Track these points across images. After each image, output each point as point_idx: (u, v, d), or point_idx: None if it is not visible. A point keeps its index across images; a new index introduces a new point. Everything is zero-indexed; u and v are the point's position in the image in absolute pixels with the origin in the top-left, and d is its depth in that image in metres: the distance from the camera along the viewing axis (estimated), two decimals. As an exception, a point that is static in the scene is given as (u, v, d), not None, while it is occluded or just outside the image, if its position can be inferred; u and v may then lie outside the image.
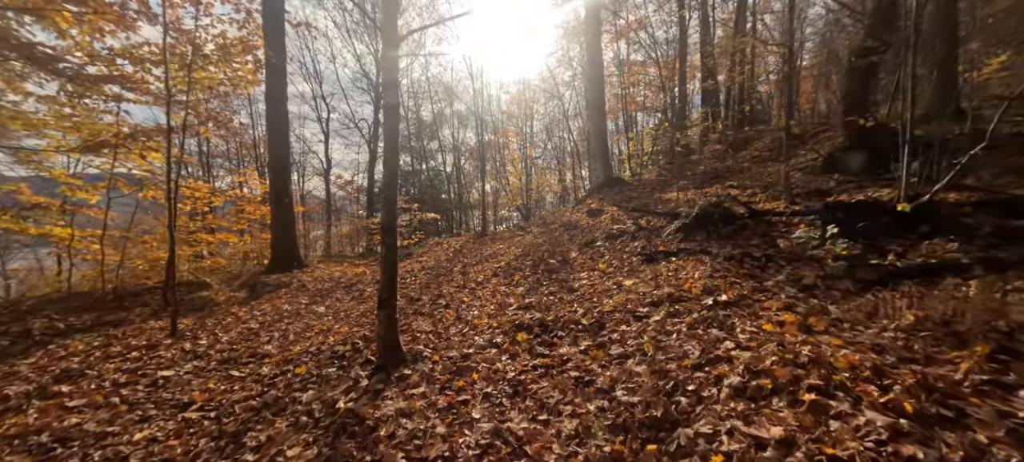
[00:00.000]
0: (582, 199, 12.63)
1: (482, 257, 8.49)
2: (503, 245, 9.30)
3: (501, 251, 8.59)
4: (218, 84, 10.13)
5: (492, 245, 9.97)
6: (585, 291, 5.04)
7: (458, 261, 8.89)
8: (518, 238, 9.35)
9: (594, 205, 10.86)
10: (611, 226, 7.88)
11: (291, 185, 9.60)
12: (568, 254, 6.98)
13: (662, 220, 7.12)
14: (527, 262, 6.78)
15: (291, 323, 5.65)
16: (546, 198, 29.06)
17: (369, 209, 21.99)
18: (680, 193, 8.64)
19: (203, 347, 4.80)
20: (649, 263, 5.44)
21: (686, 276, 4.48)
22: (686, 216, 6.21)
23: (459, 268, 7.93)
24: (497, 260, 7.56)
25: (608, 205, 10.17)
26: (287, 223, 9.40)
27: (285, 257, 9.40)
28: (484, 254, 8.83)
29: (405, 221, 14.84)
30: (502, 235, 11.26)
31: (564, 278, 5.77)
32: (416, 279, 7.52)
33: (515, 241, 9.16)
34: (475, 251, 9.76)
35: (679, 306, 3.71)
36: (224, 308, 6.51)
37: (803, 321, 3.04)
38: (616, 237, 7.15)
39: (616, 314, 3.97)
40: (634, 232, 6.95)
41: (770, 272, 4.35)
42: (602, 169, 12.31)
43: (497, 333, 4.06)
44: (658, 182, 11.83)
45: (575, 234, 8.27)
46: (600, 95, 12.37)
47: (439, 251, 11.06)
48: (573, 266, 6.31)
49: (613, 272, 5.55)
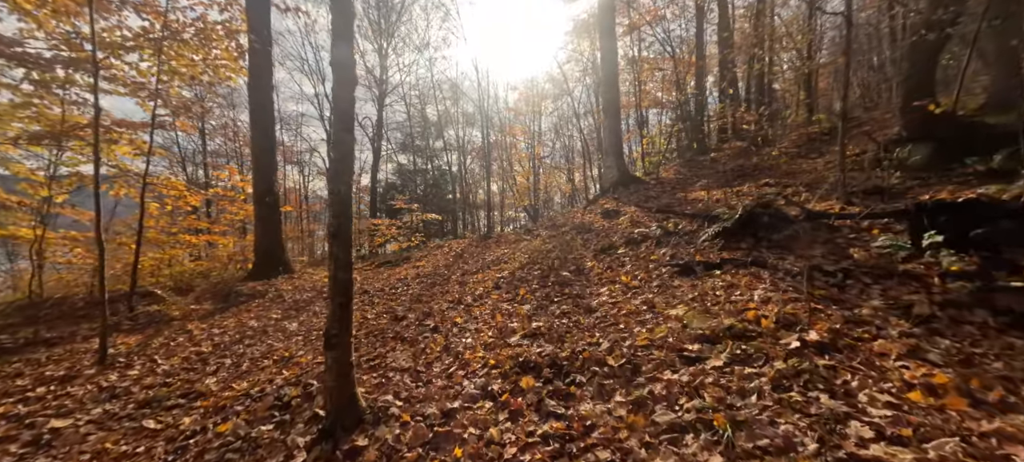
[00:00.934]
0: (594, 199, 11.52)
1: (484, 264, 7.43)
2: (508, 250, 8.24)
3: (506, 257, 7.52)
4: (199, 73, 9.22)
5: (496, 249, 8.90)
6: (607, 312, 3.95)
7: (458, 267, 7.83)
8: (525, 242, 8.27)
9: (609, 205, 9.75)
10: (631, 229, 6.77)
11: (276, 183, 8.62)
12: (582, 262, 5.90)
13: (693, 223, 6.00)
14: (534, 272, 5.70)
15: (251, 345, 4.64)
16: (554, 198, 27.96)
17: (372, 209, 21.06)
18: (708, 192, 7.51)
19: (129, 381, 3.79)
20: (684, 276, 4.33)
21: (742, 297, 3.37)
22: (726, 218, 5.08)
23: (457, 276, 6.88)
24: (501, 268, 6.50)
25: (625, 205, 9.05)
26: (271, 224, 8.43)
27: (269, 261, 8.43)
28: (487, 260, 7.77)
29: (405, 222, 13.84)
30: (508, 238, 10.20)
31: (579, 293, 4.69)
32: (407, 289, 6.48)
33: (522, 246, 8.08)
34: (477, 256, 8.70)
35: (748, 346, 2.61)
36: (182, 323, 5.53)
37: (962, 384, 1.93)
38: (638, 242, 6.04)
39: (654, 351, 2.88)
40: (660, 237, 5.83)
41: (855, 294, 3.23)
42: (616, 167, 11.19)
43: (494, 375, 2.98)
44: (678, 181, 10.68)
45: (589, 238, 7.17)
46: (614, 90, 11.25)
47: (438, 255, 10.02)
48: (589, 277, 5.22)
49: (640, 287, 4.46)
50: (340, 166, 2.47)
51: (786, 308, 2.99)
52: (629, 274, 4.94)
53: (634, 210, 8.16)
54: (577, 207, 15.45)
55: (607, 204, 10.13)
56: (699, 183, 10.17)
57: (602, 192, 11.42)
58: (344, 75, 2.43)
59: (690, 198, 7.90)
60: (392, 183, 22.78)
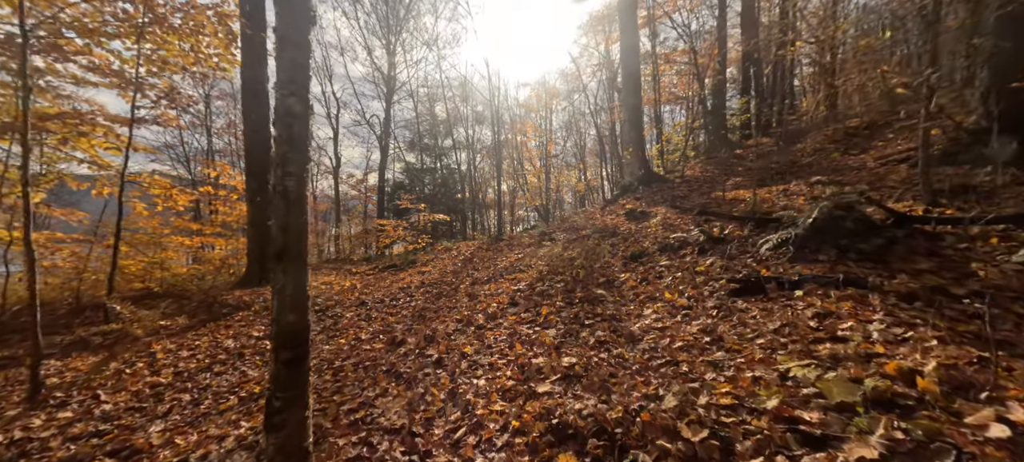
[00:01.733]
0: (614, 198, 10.58)
1: (496, 271, 6.55)
2: (523, 255, 7.35)
3: (521, 264, 6.63)
4: (191, 63, 8.47)
5: (509, 254, 8.02)
6: (657, 342, 3.05)
7: (467, 274, 6.97)
8: (544, 248, 7.37)
9: (631, 205, 8.81)
10: (665, 234, 5.84)
11: (270, 182, 7.83)
12: (612, 272, 4.99)
13: (741, 227, 5.05)
14: (557, 284, 4.81)
15: (220, 373, 3.81)
16: (564, 198, 26.93)
17: (380, 210, 20.29)
18: (754, 192, 6.55)
19: (54, 428, 2.97)
20: (750, 296, 3.41)
21: (854, 334, 2.44)
22: (792, 223, 4.14)
23: (467, 286, 6.00)
24: (516, 278, 5.61)
25: (651, 206, 8.11)
26: (265, 226, 7.64)
27: (262, 266, 7.64)
28: (499, 267, 6.89)
29: (412, 222, 13.02)
30: (521, 240, 9.31)
31: (615, 313, 3.78)
32: (410, 301, 5.62)
33: (538, 252, 7.19)
34: (489, 261, 7.82)
35: (912, 425, 1.68)
36: (145, 343, 4.72)
37: None
38: (676, 249, 5.12)
39: (748, 418, 1.97)
40: (702, 243, 4.90)
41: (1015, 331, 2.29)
42: (638, 164, 10.24)
43: (518, 447, 2.10)
44: (705, 179, 9.70)
45: (615, 243, 6.25)
46: (635, 82, 10.30)
47: (446, 259, 9.16)
48: (623, 292, 4.31)
49: (692, 308, 3.54)
50: (288, 151, 1.60)
51: (939, 353, 2.06)
52: (673, 289, 4.02)
53: (664, 211, 7.21)
54: (593, 207, 14.51)
55: (629, 204, 9.19)
56: (729, 181, 9.19)
57: (622, 191, 10.49)
58: (296, 59, 1.56)
59: (728, 198, 6.93)
60: (400, 182, 22.03)
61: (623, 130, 10.58)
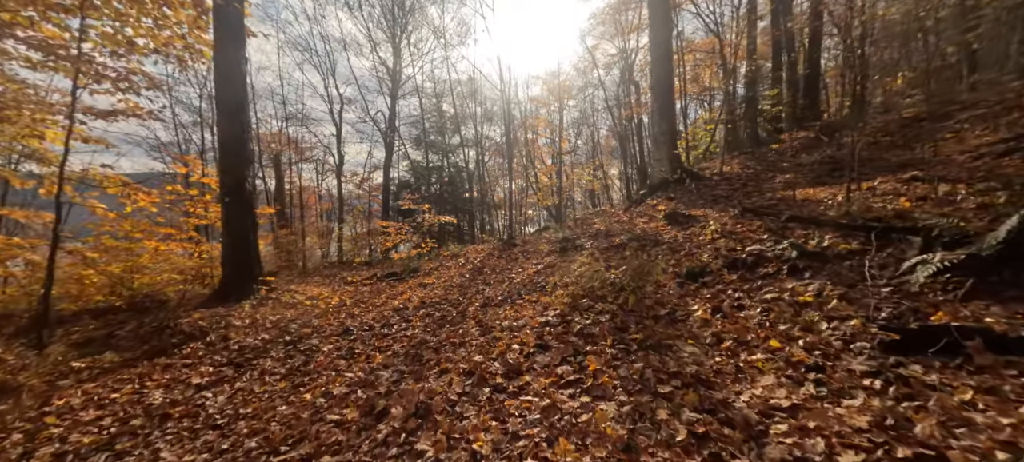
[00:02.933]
0: (641, 198, 9.24)
1: (512, 288, 5.26)
2: (541, 265, 6.06)
3: (541, 278, 5.34)
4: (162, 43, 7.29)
5: (525, 264, 6.72)
6: (799, 445, 1.75)
7: (476, 290, 5.69)
8: (572, 260, 6.06)
9: (666, 207, 7.47)
10: (727, 244, 4.51)
11: (249, 179, 6.61)
12: (667, 297, 3.68)
13: (848, 238, 3.70)
14: (600, 315, 3.51)
15: (119, 460, 2.57)
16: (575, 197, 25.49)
17: (384, 209, 19.08)
18: (849, 188, 5.19)
19: None
20: (922, 356, 2.10)
21: None
22: (953, 235, 2.80)
23: (477, 308, 4.72)
24: (540, 301, 4.32)
25: (691, 207, 6.76)
26: (240, 230, 6.43)
27: (239, 276, 6.44)
28: (515, 281, 5.60)
29: (417, 222, 11.75)
30: (538, 247, 8.02)
31: (697, 371, 2.48)
32: (404, 330, 4.35)
33: (562, 263, 5.88)
34: (502, 272, 6.54)
35: None
36: (44, 395, 3.49)
37: None
38: (751, 267, 3.80)
39: None
40: (793, 260, 3.57)
41: None
42: (668, 160, 8.88)
43: None
44: (749, 176, 8.32)
45: (659, 254, 4.93)
46: (666, 66, 8.93)
47: (453, 268, 7.89)
48: (695, 332, 3.00)
49: (825, 370, 2.23)
50: None
51: None
52: (775, 332, 2.71)
53: (713, 214, 5.87)
54: (611, 207, 13.16)
55: (662, 205, 7.85)
56: (778, 178, 7.81)
57: (650, 190, 9.14)
58: None
59: (799, 198, 5.56)
60: (406, 181, 20.81)
61: (652, 121, 9.22)
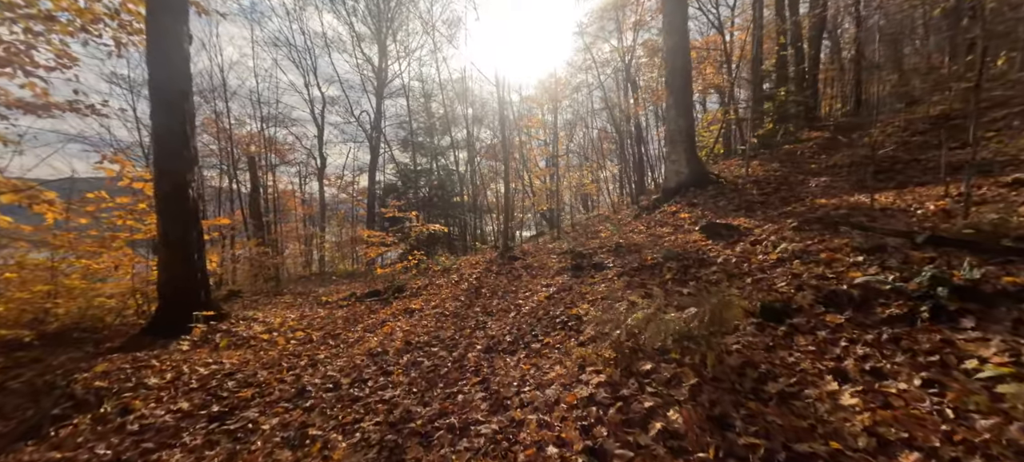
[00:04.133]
0: (654, 203, 8.14)
1: (522, 321, 4.07)
2: (552, 286, 4.88)
3: (557, 309, 4.15)
4: (90, 20, 5.98)
5: (532, 283, 5.53)
6: None
7: (476, 324, 4.47)
8: (585, 281, 4.87)
9: (689, 214, 6.35)
10: (804, 268, 3.38)
11: (194, 183, 5.28)
12: (756, 355, 2.53)
13: (1007, 267, 2.60)
14: (672, 391, 2.33)
15: None
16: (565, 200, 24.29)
17: (369, 214, 17.69)
18: (915, 197, 4.13)
19: None
20: None
21: None
22: None
23: (478, 354, 3.52)
24: (568, 352, 3.13)
25: (722, 214, 5.65)
26: (181, 247, 5.11)
27: (179, 304, 5.10)
28: (524, 311, 4.40)
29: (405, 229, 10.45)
30: (540, 259, 6.84)
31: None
32: (381, 392, 3.12)
33: (579, 287, 4.68)
34: (504, 295, 5.33)
35: None
36: None
37: None
38: (861, 305, 2.68)
39: None
40: (936, 299, 2.46)
41: None
42: (687, 161, 7.79)
43: None
44: (777, 179, 7.26)
45: (705, 277, 3.79)
46: (683, 57, 7.85)
47: (445, 288, 6.64)
48: (837, 429, 1.85)
49: None
50: None
51: None
52: (981, 434, 1.57)
53: (765, 226, 4.75)
54: (616, 212, 12.06)
55: (685, 212, 6.74)
56: (813, 182, 6.78)
57: (665, 194, 8.04)
58: None
59: (876, 205, 4.46)
60: (392, 184, 19.43)
61: (667, 118, 8.12)
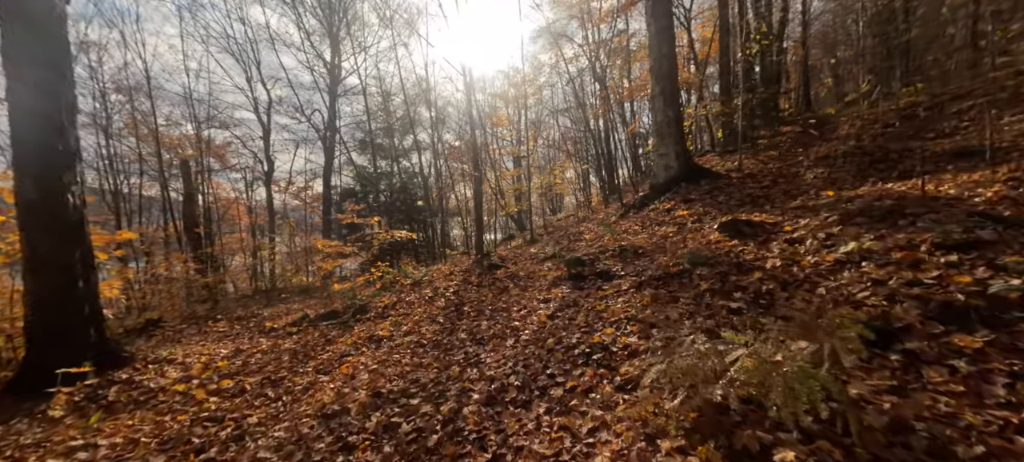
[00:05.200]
0: (641, 201, 7.43)
1: (527, 354, 3.12)
2: (551, 301, 3.98)
3: (567, 334, 3.24)
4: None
5: (523, 298, 4.59)
6: None
7: (465, 359, 3.47)
8: (590, 293, 3.98)
9: (687, 213, 5.65)
10: (886, 274, 2.66)
11: (72, 187, 3.91)
12: (895, 404, 1.73)
13: None
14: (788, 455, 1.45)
15: None
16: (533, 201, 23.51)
17: (325, 225, 16.02)
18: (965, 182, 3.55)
19: None
20: None
21: None
22: None
23: (478, 413, 2.53)
24: (610, 408, 2.20)
25: (725, 210, 4.97)
26: (57, 268, 3.73)
27: (59, 345, 3.74)
28: (525, 338, 3.45)
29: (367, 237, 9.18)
30: (527, 266, 5.91)
31: None
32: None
33: (586, 302, 3.78)
34: (493, 315, 4.35)
35: None
36: None
37: None
38: (994, 321, 1.95)
39: None
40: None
41: None
42: (676, 155, 7.14)
43: None
44: (770, 172, 6.74)
45: (752, 287, 3.02)
46: (670, 47, 7.21)
47: (417, 307, 5.54)
48: None
49: None
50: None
51: None
52: None
53: (798, 222, 4.06)
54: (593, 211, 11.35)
55: (682, 209, 6.04)
56: (809, 174, 6.30)
57: (654, 191, 7.35)
58: None
59: (928, 194, 3.86)
60: (350, 189, 17.85)
61: (653, 109, 7.45)
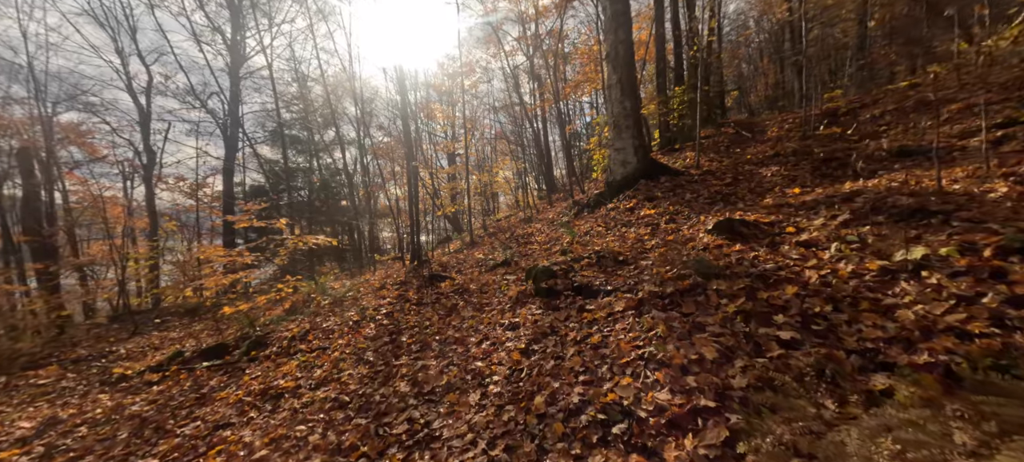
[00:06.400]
0: (598, 199, 6.71)
1: (510, 436, 2.08)
2: (520, 328, 2.98)
3: (559, 381, 2.25)
4: None
5: (481, 320, 3.51)
6: None
7: (409, 433, 2.31)
8: (570, 317, 3.01)
9: (654, 211, 4.98)
10: (958, 288, 2.04)
11: None
12: None
13: None
14: None
15: None
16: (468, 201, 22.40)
17: (226, 232, 13.38)
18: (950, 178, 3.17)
19: None
20: None
21: None
22: None
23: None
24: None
25: (699, 211, 4.35)
26: None
27: None
28: (494, 389, 2.39)
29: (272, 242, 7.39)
30: (468, 273, 4.84)
31: None
32: None
33: (572, 330, 2.81)
34: (448, 349, 3.21)
35: None
36: None
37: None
38: None
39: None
40: None
41: None
42: (634, 150, 6.51)
43: None
44: (728, 170, 6.38)
45: (799, 309, 2.30)
46: (627, 32, 6.56)
47: (337, 337, 4.18)
48: None
49: None
50: None
51: None
52: None
53: (796, 221, 3.47)
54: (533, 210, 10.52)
55: (648, 208, 5.36)
56: (767, 172, 6.01)
57: (611, 188, 6.66)
58: None
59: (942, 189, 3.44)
60: (259, 187, 15.28)
61: (609, 99, 6.76)
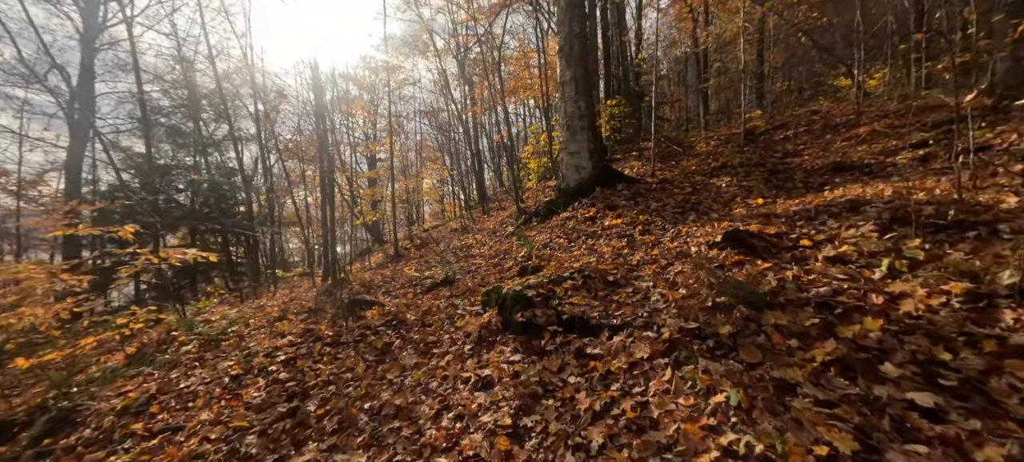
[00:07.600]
0: (550, 208, 5.96)
1: None
2: (496, 384, 2.02)
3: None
4: None
5: (429, 371, 2.46)
6: None
7: None
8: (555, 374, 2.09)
9: (617, 221, 4.35)
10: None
11: None
12: None
13: None
14: None
15: None
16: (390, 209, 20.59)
17: (68, 242, 10.17)
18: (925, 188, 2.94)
19: None
20: None
21: None
22: None
23: None
24: None
25: (670, 221, 3.80)
26: None
27: None
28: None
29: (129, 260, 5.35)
30: (401, 295, 3.75)
31: None
32: None
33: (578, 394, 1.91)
34: (389, 442, 2.11)
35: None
36: None
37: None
38: None
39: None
40: None
41: None
42: (589, 154, 5.89)
43: None
44: (683, 180, 6.06)
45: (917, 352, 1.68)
46: (582, 24, 5.99)
47: (201, 410, 2.79)
48: None
49: None
50: None
51: None
52: None
53: (809, 232, 2.97)
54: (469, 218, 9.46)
55: (611, 218, 4.71)
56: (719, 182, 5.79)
57: (564, 196, 5.96)
58: None
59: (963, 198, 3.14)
60: (124, 184, 12.06)
61: (563, 98, 6.08)
